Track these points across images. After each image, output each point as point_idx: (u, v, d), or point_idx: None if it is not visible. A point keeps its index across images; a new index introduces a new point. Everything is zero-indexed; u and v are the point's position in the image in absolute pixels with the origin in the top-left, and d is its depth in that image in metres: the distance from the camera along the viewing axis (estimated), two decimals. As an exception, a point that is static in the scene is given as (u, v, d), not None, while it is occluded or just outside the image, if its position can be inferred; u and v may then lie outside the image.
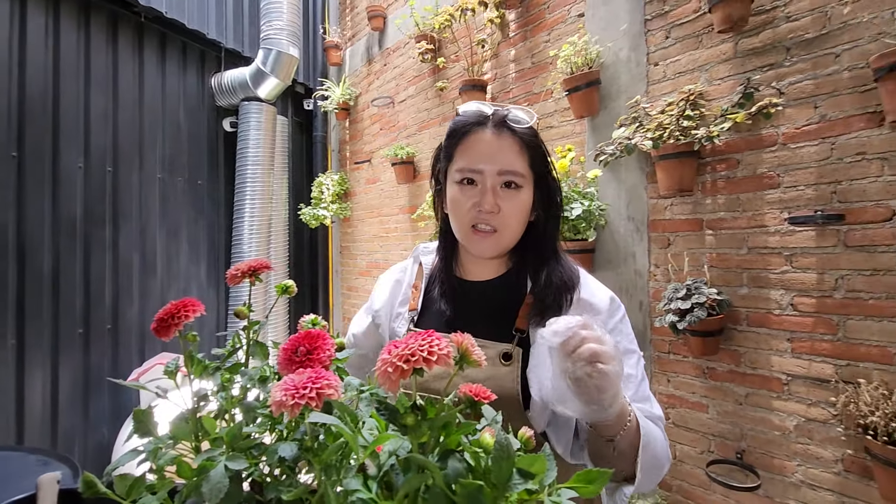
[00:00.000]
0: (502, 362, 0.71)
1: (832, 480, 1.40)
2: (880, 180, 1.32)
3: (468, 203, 0.72)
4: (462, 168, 0.73)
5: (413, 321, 0.81)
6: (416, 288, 0.85)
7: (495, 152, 0.72)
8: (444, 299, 0.78)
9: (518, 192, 0.73)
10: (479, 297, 0.80)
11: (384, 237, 3.35)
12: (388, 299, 0.88)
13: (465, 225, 0.74)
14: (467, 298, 0.79)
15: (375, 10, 3.32)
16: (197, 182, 3.13)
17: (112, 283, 2.64)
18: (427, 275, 0.86)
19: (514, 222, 0.73)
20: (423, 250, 0.90)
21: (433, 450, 0.39)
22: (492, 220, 0.72)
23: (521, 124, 0.74)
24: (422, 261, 0.88)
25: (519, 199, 0.73)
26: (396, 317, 0.85)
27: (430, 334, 0.38)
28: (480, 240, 0.73)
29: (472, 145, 0.73)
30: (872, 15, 1.32)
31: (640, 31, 1.86)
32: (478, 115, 0.75)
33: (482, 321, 0.76)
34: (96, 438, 2.53)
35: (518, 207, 0.73)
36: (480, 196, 0.71)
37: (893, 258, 1.30)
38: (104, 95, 2.63)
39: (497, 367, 0.71)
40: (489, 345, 0.72)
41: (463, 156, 0.74)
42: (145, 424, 0.46)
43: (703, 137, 1.56)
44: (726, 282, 1.62)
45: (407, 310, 0.84)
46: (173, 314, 0.45)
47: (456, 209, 0.75)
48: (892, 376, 1.29)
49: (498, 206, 0.71)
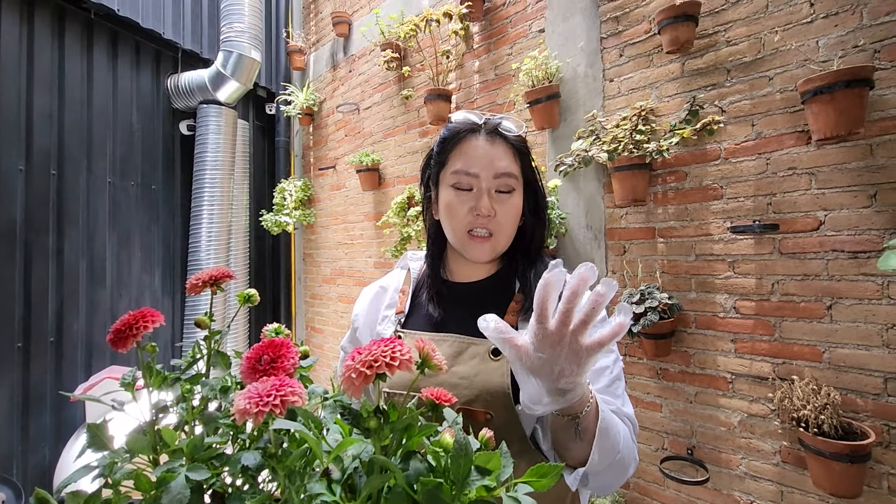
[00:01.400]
0: (491, 357, 0.72)
1: (771, 471, 1.50)
2: (808, 193, 1.45)
3: (464, 208, 0.74)
4: (458, 171, 0.75)
5: (400, 323, 0.82)
6: (404, 293, 0.86)
7: (490, 157, 0.74)
8: (431, 302, 0.80)
9: (511, 196, 0.75)
10: (467, 297, 0.81)
11: (349, 244, 3.32)
12: (370, 305, 0.88)
13: (461, 230, 0.75)
14: (455, 299, 0.81)
15: (340, 17, 3.31)
16: (151, 187, 3.00)
17: (56, 293, 2.48)
18: (415, 279, 0.87)
19: (508, 226, 0.76)
20: (411, 257, 0.92)
21: (395, 451, 0.40)
22: (488, 225, 0.74)
23: (512, 132, 0.77)
24: (410, 266, 0.90)
25: (512, 202, 0.75)
26: (382, 320, 0.85)
27: (392, 340, 0.39)
28: (477, 244, 0.75)
29: (467, 150, 0.75)
30: (800, 43, 1.45)
31: (596, 48, 1.95)
32: (470, 123, 0.77)
33: (470, 320, 0.74)
34: (37, 458, 2.36)
35: (512, 211, 0.75)
36: (476, 200, 0.73)
37: (821, 264, 1.42)
38: (48, 94, 2.49)
39: (486, 363, 0.72)
40: (478, 342, 0.73)
41: (458, 160, 0.75)
42: (100, 438, 0.45)
43: (655, 151, 1.66)
44: (676, 287, 1.72)
45: (393, 313, 0.84)
46: (131, 325, 0.44)
47: (451, 214, 0.76)
48: (821, 373, 1.41)
49: (494, 209, 0.73)
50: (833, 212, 1.40)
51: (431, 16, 2.46)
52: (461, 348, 0.74)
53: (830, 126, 1.31)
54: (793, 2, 1.47)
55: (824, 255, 1.42)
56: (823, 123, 1.33)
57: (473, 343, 0.73)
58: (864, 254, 1.35)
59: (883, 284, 1.32)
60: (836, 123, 1.30)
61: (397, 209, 2.68)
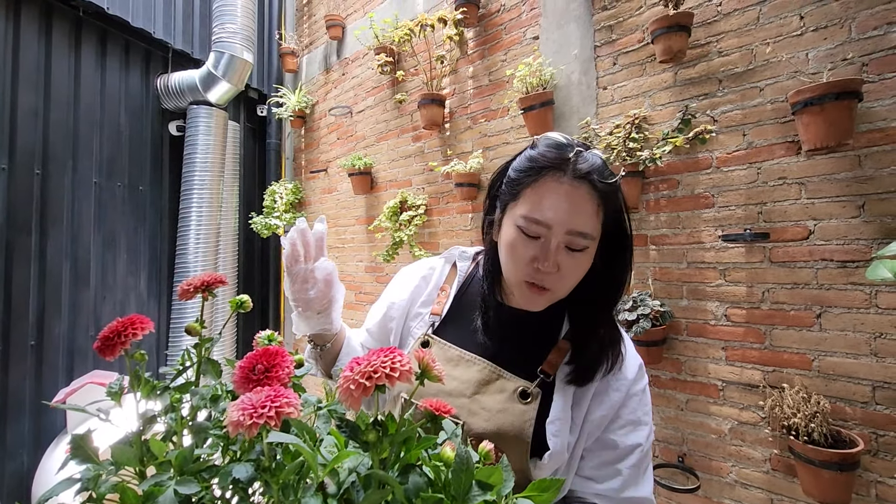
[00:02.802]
0: (520, 400, 0.68)
1: (762, 479, 1.51)
2: (798, 203, 1.47)
3: (526, 256, 0.65)
4: (527, 216, 0.65)
5: (433, 326, 0.76)
6: (444, 291, 0.80)
7: (569, 208, 0.63)
8: (483, 324, 0.73)
9: (583, 253, 0.65)
10: (514, 326, 0.74)
11: (340, 248, 3.29)
12: (411, 294, 0.82)
13: (518, 277, 0.67)
14: (502, 324, 0.73)
15: (334, 20, 3.30)
16: (138, 188, 2.95)
17: (38, 295, 2.42)
18: (460, 281, 0.81)
19: (569, 282, 0.67)
20: (460, 255, 0.85)
21: (394, 465, 0.39)
22: (547, 280, 0.65)
23: (605, 179, 0.64)
24: (458, 265, 0.83)
25: (581, 260, 0.66)
26: (415, 316, 0.80)
27: (391, 350, 0.38)
28: (532, 296, 0.67)
29: (545, 193, 0.64)
30: (790, 55, 1.48)
31: (590, 56, 1.97)
32: (558, 156, 0.65)
33: (510, 351, 0.72)
34: (15, 466, 2.29)
35: (578, 270, 0.66)
36: (541, 252, 0.64)
37: (810, 273, 1.44)
38: (34, 92, 2.44)
39: (513, 403, 0.68)
40: (508, 376, 0.69)
41: (531, 201, 0.65)
42: (84, 450, 0.43)
43: (648, 159, 1.67)
44: (668, 294, 1.73)
45: (429, 312, 0.79)
46: (119, 332, 0.42)
47: (512, 257, 0.67)
48: (810, 381, 1.42)
49: (558, 265, 0.64)
50: (822, 221, 1.42)
51: (426, 21, 2.47)
52: (490, 377, 0.70)
53: (820, 137, 1.33)
54: (783, 14, 1.50)
55: (814, 265, 1.43)
56: (813, 134, 1.35)
57: (503, 376, 0.70)
58: (853, 263, 1.37)
59: (871, 294, 1.34)
60: (825, 134, 1.33)
61: (390, 213, 2.66)
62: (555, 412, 0.67)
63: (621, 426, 0.69)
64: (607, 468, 0.69)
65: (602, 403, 0.69)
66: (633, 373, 0.72)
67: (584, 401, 0.69)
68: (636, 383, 0.71)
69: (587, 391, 0.70)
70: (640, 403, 0.71)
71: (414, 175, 2.76)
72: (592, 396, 0.70)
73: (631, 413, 0.70)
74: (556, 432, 0.66)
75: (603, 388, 0.70)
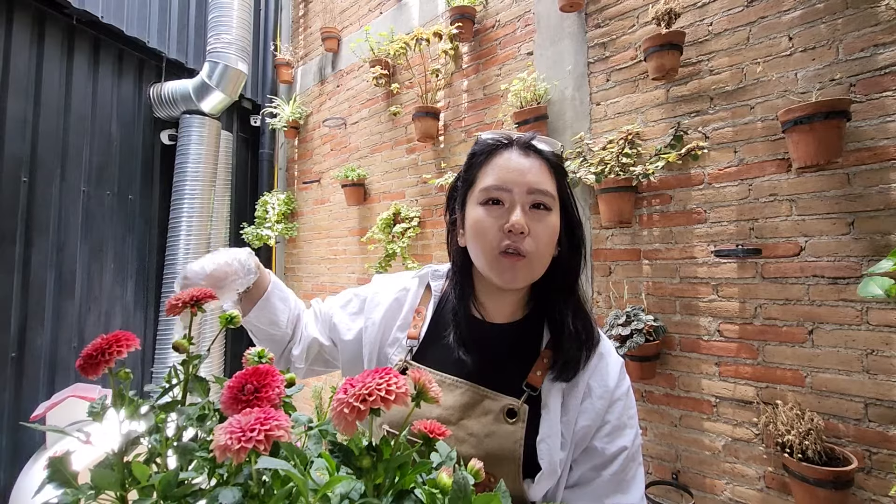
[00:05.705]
0: (506, 420, 0.65)
1: (756, 497, 1.49)
2: (789, 219, 1.48)
3: (494, 225, 0.65)
4: (488, 187, 0.67)
5: (412, 352, 0.74)
6: (420, 314, 0.77)
7: (524, 170, 0.66)
8: (457, 339, 0.71)
9: (548, 214, 0.67)
10: (493, 341, 0.72)
11: (332, 259, 3.27)
12: (383, 319, 0.79)
13: (491, 250, 0.65)
14: (480, 341, 0.71)
15: (329, 32, 3.32)
16: (128, 196, 2.91)
17: (20, 305, 2.36)
18: (434, 302, 0.78)
19: (543, 247, 0.66)
20: (433, 274, 0.82)
21: (388, 491, 0.37)
22: (521, 244, 0.64)
23: (548, 148, 0.70)
24: (431, 285, 0.81)
25: (549, 221, 0.66)
26: (393, 342, 0.76)
27: (387, 371, 0.37)
28: (509, 265, 0.65)
29: (499, 164, 0.68)
30: (780, 74, 1.51)
31: (583, 72, 1.99)
32: (503, 136, 0.70)
33: (491, 368, 0.70)
34: (-12, 484, 2.21)
35: (548, 230, 0.66)
36: (508, 213, 0.65)
37: (802, 289, 1.45)
38: (24, 99, 2.41)
39: (500, 425, 0.65)
40: (493, 395, 0.67)
41: (488, 175, 0.68)
42: (62, 473, 0.41)
43: (641, 174, 1.68)
44: (661, 309, 1.73)
45: (405, 337, 0.76)
46: (103, 350, 0.41)
47: (480, 233, 0.66)
48: (803, 397, 1.42)
49: (527, 226, 0.64)
50: (813, 238, 1.44)
51: (422, 35, 2.49)
52: (474, 400, 0.68)
53: (810, 155, 1.35)
54: (772, 35, 1.53)
55: (805, 281, 1.44)
56: (803, 152, 1.37)
57: (488, 396, 0.67)
58: (844, 280, 1.38)
59: (862, 310, 1.35)
60: (815, 152, 1.35)
61: (383, 225, 2.65)
62: (544, 429, 0.66)
63: (607, 433, 0.68)
64: (594, 475, 0.67)
65: (586, 412, 0.68)
66: (615, 376, 0.71)
67: (573, 411, 0.68)
68: (619, 387, 0.70)
69: (575, 398, 0.68)
70: (625, 407, 0.70)
71: (407, 187, 2.76)
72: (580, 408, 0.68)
73: (617, 418, 0.68)
74: (548, 450, 0.65)
75: (587, 395, 0.69)
